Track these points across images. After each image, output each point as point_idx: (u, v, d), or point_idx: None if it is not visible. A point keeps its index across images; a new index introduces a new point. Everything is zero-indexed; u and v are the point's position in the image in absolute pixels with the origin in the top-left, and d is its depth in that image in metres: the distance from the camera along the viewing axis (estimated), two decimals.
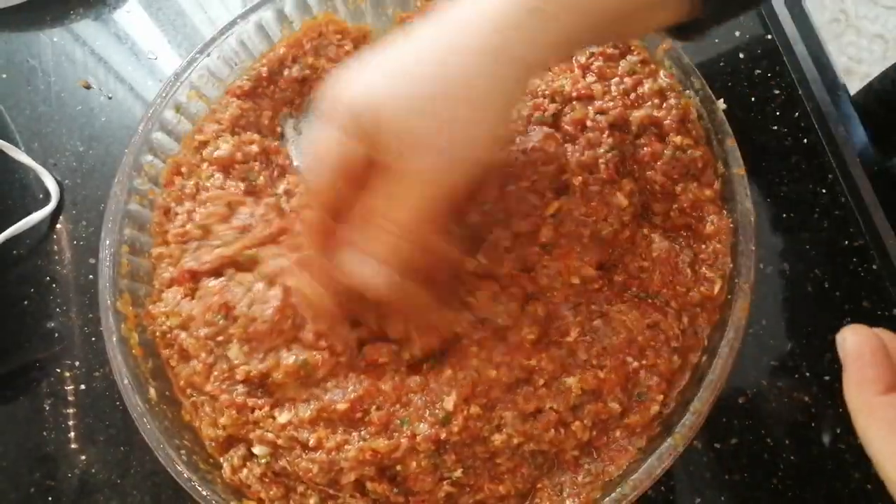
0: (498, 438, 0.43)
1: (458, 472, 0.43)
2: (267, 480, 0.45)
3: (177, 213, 0.51)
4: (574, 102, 0.50)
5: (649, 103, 0.49)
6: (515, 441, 0.43)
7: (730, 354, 0.44)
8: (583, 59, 0.52)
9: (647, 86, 0.50)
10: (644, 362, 0.45)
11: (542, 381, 0.44)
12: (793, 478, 0.50)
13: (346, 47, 0.57)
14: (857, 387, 0.32)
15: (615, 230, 0.47)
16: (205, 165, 0.52)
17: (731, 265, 0.46)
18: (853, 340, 0.33)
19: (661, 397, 0.44)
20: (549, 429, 0.43)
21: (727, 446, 0.50)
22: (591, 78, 0.51)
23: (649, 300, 0.47)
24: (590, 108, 0.50)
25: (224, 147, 0.52)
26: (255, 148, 0.53)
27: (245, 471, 0.45)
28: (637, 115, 0.49)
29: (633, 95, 0.50)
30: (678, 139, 0.48)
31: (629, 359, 0.45)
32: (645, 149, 0.49)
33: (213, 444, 0.47)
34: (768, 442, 0.50)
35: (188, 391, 0.48)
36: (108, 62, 0.67)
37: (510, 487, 0.44)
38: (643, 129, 0.49)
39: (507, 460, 0.44)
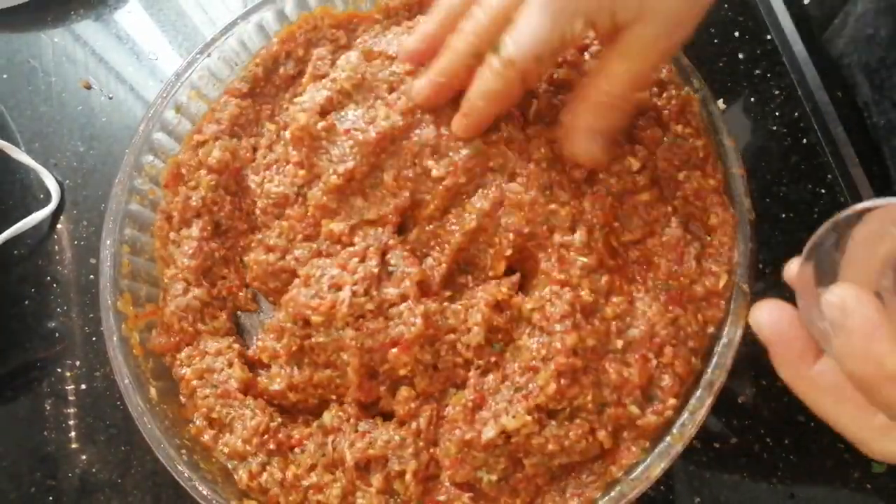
0: (537, 440, 0.42)
1: (494, 477, 0.42)
2: (287, 485, 0.45)
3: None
4: (563, 66, 0.48)
5: (647, 92, 0.48)
6: (550, 447, 0.41)
7: (729, 354, 0.43)
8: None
9: None
10: (662, 360, 0.43)
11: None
12: (792, 477, 0.50)
13: (341, 41, 0.56)
14: (791, 366, 0.32)
15: (626, 188, 0.46)
16: (203, 172, 0.52)
17: (737, 260, 0.45)
18: (769, 321, 0.32)
19: (673, 401, 0.42)
20: (581, 440, 0.41)
21: (726, 446, 0.50)
22: (586, 55, 0.49)
23: (669, 290, 0.45)
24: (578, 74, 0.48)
25: (217, 154, 0.52)
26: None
27: (265, 475, 0.45)
28: (636, 95, 0.47)
29: None
30: (678, 128, 0.47)
31: (650, 355, 0.43)
32: (645, 132, 0.47)
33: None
34: (767, 442, 0.50)
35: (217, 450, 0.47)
36: (108, 62, 0.67)
37: (524, 499, 0.43)
38: (641, 112, 0.48)
39: (532, 466, 0.42)
